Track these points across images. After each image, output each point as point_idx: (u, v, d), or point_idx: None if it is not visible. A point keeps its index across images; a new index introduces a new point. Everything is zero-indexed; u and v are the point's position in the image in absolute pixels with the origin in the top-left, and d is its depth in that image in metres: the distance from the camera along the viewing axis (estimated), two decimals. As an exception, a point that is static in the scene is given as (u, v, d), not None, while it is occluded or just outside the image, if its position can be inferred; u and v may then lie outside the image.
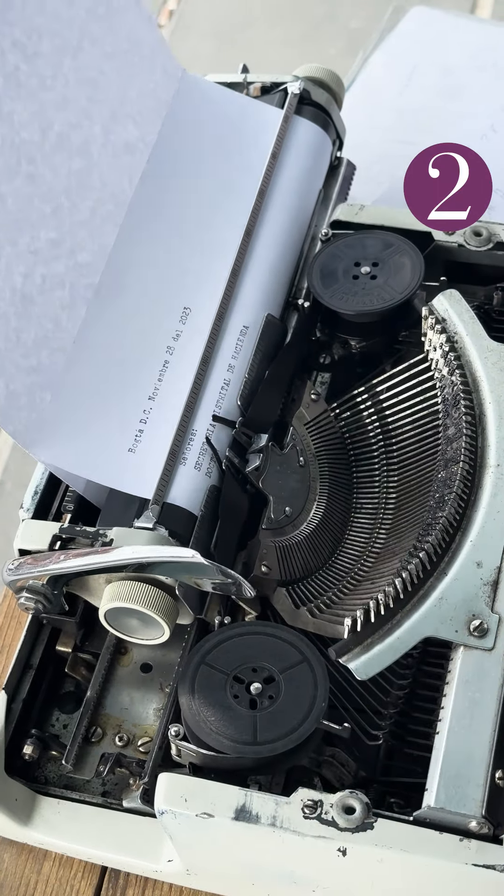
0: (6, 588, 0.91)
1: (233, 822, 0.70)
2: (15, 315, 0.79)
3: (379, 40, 1.25)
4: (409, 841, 0.69)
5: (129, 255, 0.89)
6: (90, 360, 0.84)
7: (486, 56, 1.22)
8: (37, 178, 0.82)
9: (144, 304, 0.88)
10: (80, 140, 0.85)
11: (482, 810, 0.69)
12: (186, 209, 0.92)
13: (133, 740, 0.81)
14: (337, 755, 0.77)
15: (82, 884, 0.80)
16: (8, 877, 0.80)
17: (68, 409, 0.82)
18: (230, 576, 0.72)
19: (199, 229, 0.91)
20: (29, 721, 0.81)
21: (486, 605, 0.75)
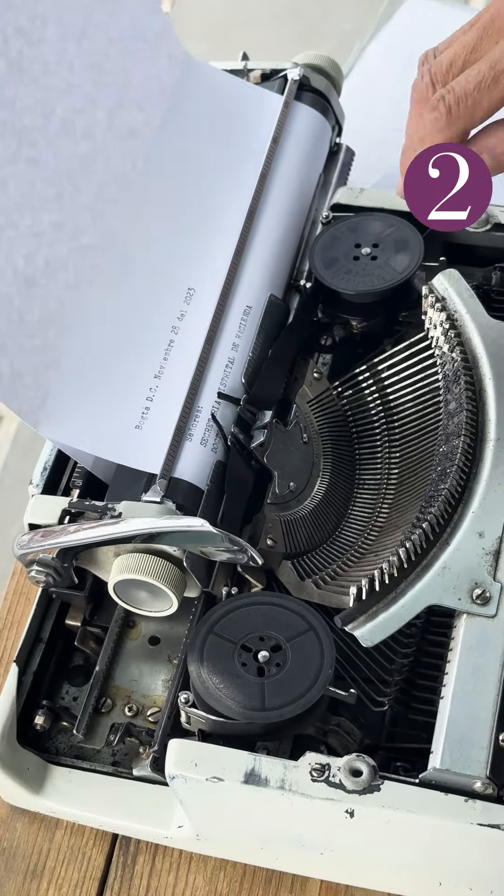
0: (14, 565, 0.93)
1: (242, 785, 0.71)
2: (18, 295, 0.80)
3: (375, 31, 1.27)
4: (416, 802, 0.70)
5: (134, 238, 0.90)
6: (96, 340, 0.85)
7: (481, 45, 1.23)
8: (39, 163, 0.83)
9: (149, 286, 0.89)
10: (84, 125, 0.87)
11: (486, 771, 0.70)
12: (189, 192, 0.93)
13: (142, 711, 0.82)
14: (342, 724, 0.79)
15: (94, 851, 0.81)
16: (21, 845, 0.81)
17: (75, 388, 0.83)
18: (237, 543, 0.73)
19: (202, 212, 0.93)
20: (39, 693, 0.83)
21: (489, 574, 0.76)
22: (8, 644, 0.89)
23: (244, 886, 0.79)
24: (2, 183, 0.80)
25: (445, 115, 0.70)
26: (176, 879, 0.80)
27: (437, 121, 0.71)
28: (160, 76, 0.95)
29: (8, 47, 0.82)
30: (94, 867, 0.80)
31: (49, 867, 0.80)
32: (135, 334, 0.86)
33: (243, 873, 0.80)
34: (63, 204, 0.85)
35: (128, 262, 0.89)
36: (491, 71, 0.69)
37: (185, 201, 0.93)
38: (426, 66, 0.73)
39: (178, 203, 0.92)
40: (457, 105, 0.70)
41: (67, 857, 0.81)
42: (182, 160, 0.95)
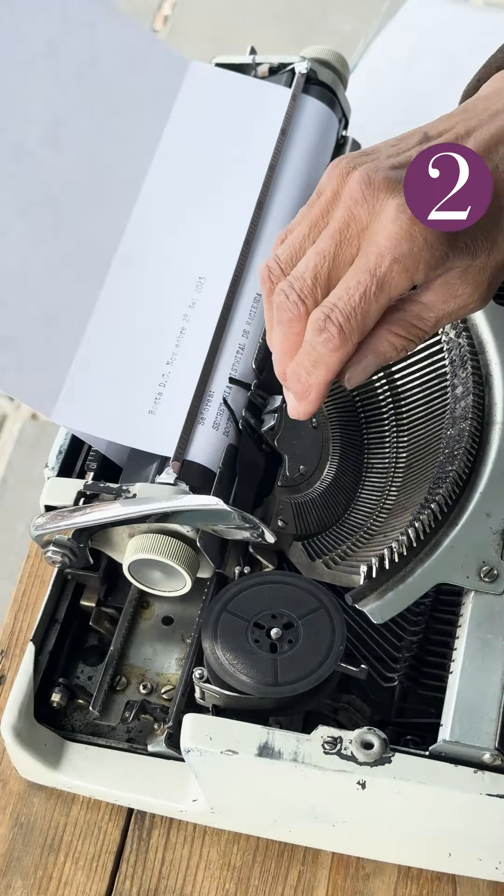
0: (29, 549, 0.95)
1: (256, 758, 0.73)
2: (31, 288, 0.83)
3: (380, 27, 1.29)
4: (426, 773, 0.72)
5: (145, 230, 0.92)
6: (109, 329, 0.87)
7: (484, 41, 1.25)
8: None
9: (161, 275, 0.91)
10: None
11: (495, 743, 0.72)
12: (200, 184, 0.95)
13: (156, 688, 0.84)
14: (353, 701, 0.80)
15: (109, 825, 0.83)
16: (38, 820, 0.83)
17: (89, 376, 0.85)
18: (250, 521, 0.75)
19: (212, 203, 0.94)
20: (55, 672, 0.84)
21: (496, 553, 0.78)
22: (24, 625, 0.91)
23: (257, 859, 0.81)
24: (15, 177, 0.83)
25: (338, 335, 0.68)
26: (190, 853, 0.81)
27: (330, 342, 0.68)
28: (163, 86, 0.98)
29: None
30: (110, 841, 0.82)
31: (66, 841, 0.82)
32: (147, 323, 0.88)
33: (256, 846, 0.81)
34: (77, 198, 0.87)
35: (140, 252, 0.91)
36: (372, 279, 0.67)
37: (195, 192, 0.95)
38: (285, 282, 0.70)
39: (188, 194, 0.94)
40: (347, 322, 0.68)
41: (84, 832, 0.82)
42: (192, 153, 0.97)
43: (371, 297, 0.67)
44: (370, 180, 0.68)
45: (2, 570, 1.75)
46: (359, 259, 0.68)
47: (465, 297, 0.70)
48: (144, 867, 0.81)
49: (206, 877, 0.80)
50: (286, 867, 0.81)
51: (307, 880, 0.80)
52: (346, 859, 0.80)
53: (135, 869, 0.81)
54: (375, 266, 0.67)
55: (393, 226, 0.67)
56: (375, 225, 0.68)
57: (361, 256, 0.68)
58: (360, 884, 0.80)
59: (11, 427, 2.05)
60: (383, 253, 0.67)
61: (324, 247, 0.69)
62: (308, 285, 0.70)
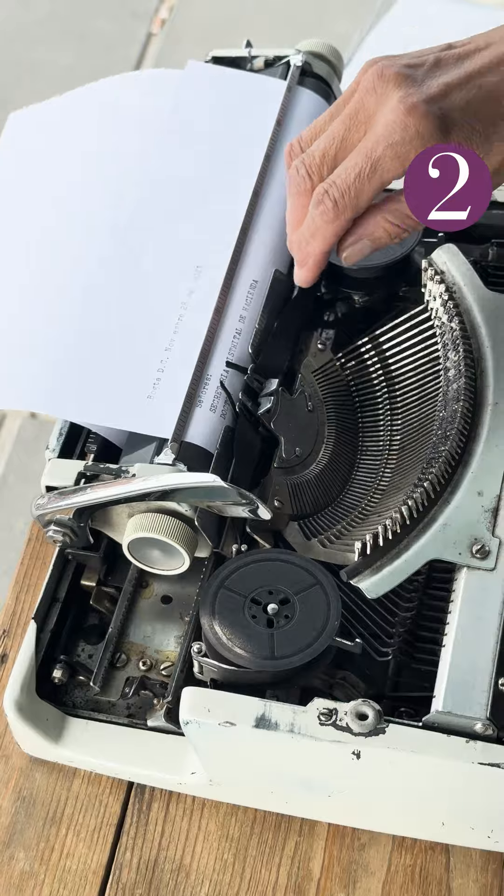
0: (30, 532, 0.96)
1: (253, 729, 0.75)
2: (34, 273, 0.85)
3: (374, 22, 1.31)
4: (419, 743, 0.74)
5: (143, 220, 0.94)
6: (107, 316, 0.89)
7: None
8: None
9: (158, 265, 0.93)
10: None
11: (487, 713, 0.74)
12: (197, 175, 0.97)
13: (156, 665, 0.86)
14: (348, 677, 0.82)
15: (110, 799, 0.84)
16: (40, 794, 0.85)
17: (86, 363, 0.87)
18: (247, 497, 0.77)
19: (209, 193, 0.96)
20: (56, 650, 0.86)
21: (488, 530, 0.80)
22: (25, 605, 0.92)
23: (255, 831, 0.82)
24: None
25: (332, 209, 0.77)
26: (189, 825, 0.83)
27: (325, 214, 0.77)
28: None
29: None
30: (111, 814, 0.84)
31: (67, 814, 0.84)
32: (145, 311, 0.90)
33: (254, 818, 0.83)
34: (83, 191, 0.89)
35: (138, 243, 0.93)
36: (367, 161, 0.75)
37: (192, 183, 0.96)
38: (299, 159, 0.79)
39: (186, 185, 0.96)
40: (342, 198, 0.76)
41: (85, 805, 0.84)
42: (189, 145, 0.99)
43: (365, 177, 0.75)
44: (382, 73, 0.76)
45: (1, 567, 1.76)
46: (360, 143, 0.76)
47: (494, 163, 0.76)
48: (144, 839, 0.83)
49: (205, 848, 0.82)
50: (283, 838, 0.82)
51: (304, 851, 0.82)
52: (342, 830, 0.82)
53: (135, 841, 0.83)
54: (371, 150, 0.75)
55: (391, 114, 0.74)
56: (378, 114, 0.76)
57: (363, 141, 0.75)
58: (356, 854, 0.81)
59: (10, 425, 2.06)
60: (379, 139, 0.75)
61: (334, 129, 0.78)
62: (316, 162, 0.78)
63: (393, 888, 0.80)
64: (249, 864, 0.81)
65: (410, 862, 0.81)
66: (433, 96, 0.75)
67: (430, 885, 0.80)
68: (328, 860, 0.81)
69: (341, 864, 0.81)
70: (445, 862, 0.81)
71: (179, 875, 0.81)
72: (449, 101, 0.75)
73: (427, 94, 0.75)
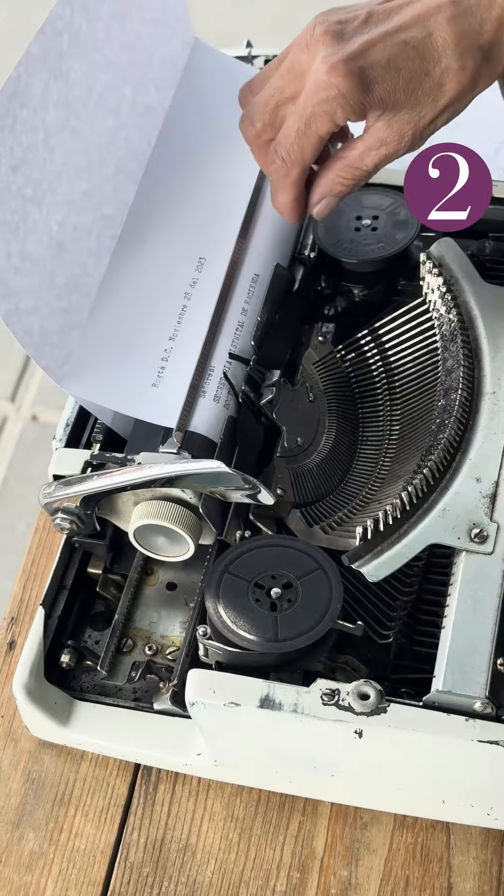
0: (37, 521, 0.98)
1: (258, 710, 0.76)
2: (50, 259, 0.86)
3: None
4: (420, 722, 0.76)
5: (148, 210, 0.95)
6: (115, 305, 0.91)
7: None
8: (79, 133, 0.89)
9: (163, 255, 0.94)
10: (114, 100, 0.93)
11: (486, 692, 0.75)
12: (199, 167, 0.99)
13: (162, 650, 0.87)
14: (350, 661, 0.84)
15: (117, 780, 0.86)
16: (49, 776, 0.86)
17: (96, 348, 0.88)
18: (250, 482, 0.78)
19: (212, 186, 0.98)
20: (64, 636, 0.88)
21: (486, 515, 0.82)
22: (33, 594, 0.94)
23: (259, 811, 0.84)
24: (50, 150, 0.86)
25: (283, 166, 0.82)
26: (195, 805, 0.85)
27: (279, 170, 0.83)
28: (174, 58, 1.01)
29: (73, 21, 0.88)
30: (118, 795, 0.85)
31: (76, 795, 0.85)
32: (150, 300, 0.92)
33: (258, 799, 0.85)
34: (92, 175, 0.90)
35: (143, 232, 0.95)
36: (301, 119, 0.79)
37: (195, 175, 0.98)
38: (248, 108, 0.85)
39: (188, 177, 0.98)
40: (288, 155, 0.82)
41: (93, 787, 0.86)
42: (192, 137, 1.00)
43: (302, 135, 0.80)
44: (314, 29, 0.79)
45: (3, 569, 1.77)
46: (296, 102, 0.80)
47: (392, 145, 0.79)
48: (151, 819, 0.84)
49: (211, 828, 0.84)
50: (287, 818, 0.84)
51: (307, 830, 0.83)
52: (345, 809, 0.84)
53: (142, 821, 0.84)
54: (303, 109, 0.79)
55: (315, 74, 0.78)
56: (309, 70, 0.79)
57: (299, 98, 0.80)
58: (358, 833, 0.83)
59: (12, 429, 2.07)
60: (308, 98, 0.79)
61: (273, 83, 0.83)
62: (258, 110, 0.84)
63: (395, 866, 0.82)
64: (254, 843, 0.83)
65: (412, 840, 0.83)
66: (354, 53, 0.77)
67: (431, 863, 0.82)
68: (331, 839, 0.83)
69: (344, 843, 0.83)
70: (446, 840, 0.82)
71: (186, 854, 0.83)
72: (369, 57, 0.77)
73: (348, 51, 0.77)
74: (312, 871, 0.82)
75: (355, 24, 0.79)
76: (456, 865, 0.82)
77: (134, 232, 0.94)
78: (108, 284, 0.91)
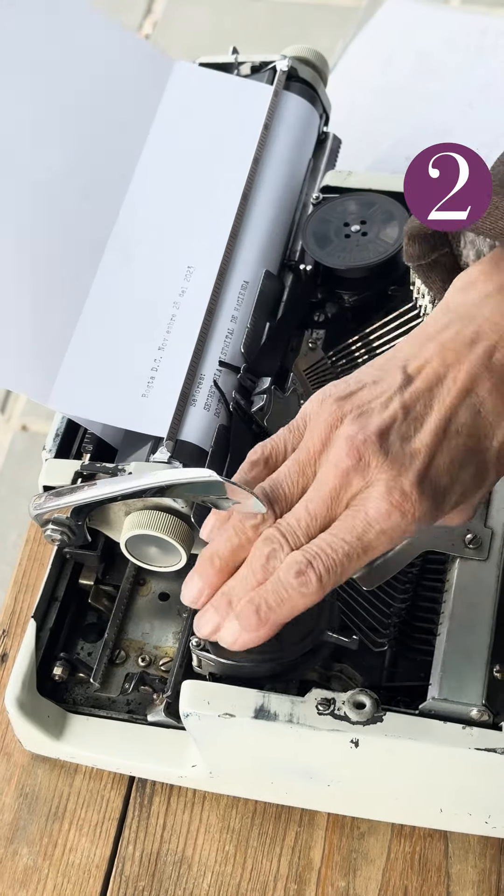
0: (28, 532, 0.97)
1: (253, 720, 0.76)
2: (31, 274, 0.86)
3: (357, 30, 1.33)
4: (416, 730, 0.75)
5: (136, 221, 0.95)
6: (103, 319, 0.90)
7: (458, 40, 1.30)
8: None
9: (151, 265, 0.94)
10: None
11: (482, 699, 0.75)
12: (187, 178, 0.98)
13: (155, 661, 0.87)
14: (345, 669, 0.83)
15: (112, 794, 0.85)
16: (42, 790, 0.86)
17: (83, 365, 0.88)
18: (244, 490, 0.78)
19: (199, 196, 0.98)
20: (56, 648, 0.87)
21: (480, 521, 0.81)
22: (24, 605, 0.93)
23: (255, 822, 0.83)
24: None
25: (316, 583, 0.69)
26: (191, 817, 0.84)
27: (306, 587, 0.69)
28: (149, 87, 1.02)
29: None
30: (113, 808, 0.85)
31: (70, 809, 0.85)
32: (139, 311, 0.91)
33: (254, 810, 0.84)
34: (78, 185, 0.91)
35: (131, 243, 0.94)
36: (359, 544, 0.69)
37: (182, 186, 0.98)
38: (276, 531, 0.71)
39: (176, 188, 0.98)
40: (327, 573, 0.69)
41: (87, 800, 0.85)
42: (179, 149, 1.00)
43: (354, 557, 0.70)
44: (360, 453, 0.70)
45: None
46: (348, 517, 0.70)
47: (447, 522, 0.73)
48: (146, 832, 0.84)
49: (207, 840, 0.83)
50: (283, 829, 0.83)
51: (304, 841, 0.83)
52: (342, 819, 0.83)
53: (137, 834, 0.84)
54: (363, 532, 0.69)
55: (384, 502, 0.69)
56: (366, 492, 0.70)
57: (350, 517, 0.70)
58: (356, 843, 0.82)
59: (2, 439, 2.07)
60: (372, 523, 0.69)
61: (315, 509, 0.71)
62: (298, 540, 0.71)
63: (393, 875, 0.81)
64: (251, 855, 0.82)
65: (410, 849, 0.82)
66: (421, 473, 0.70)
67: (429, 872, 0.81)
68: (328, 849, 0.82)
69: (341, 853, 0.82)
70: (444, 848, 0.82)
71: (182, 867, 0.82)
72: (436, 468, 0.70)
73: (415, 471, 0.69)
74: (310, 883, 0.81)
75: (397, 425, 0.71)
76: (454, 874, 0.81)
77: (123, 243, 0.94)
78: (96, 298, 0.91)
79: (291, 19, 2.34)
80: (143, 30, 2.47)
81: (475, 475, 0.72)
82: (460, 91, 1.25)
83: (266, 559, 0.71)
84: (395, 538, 0.70)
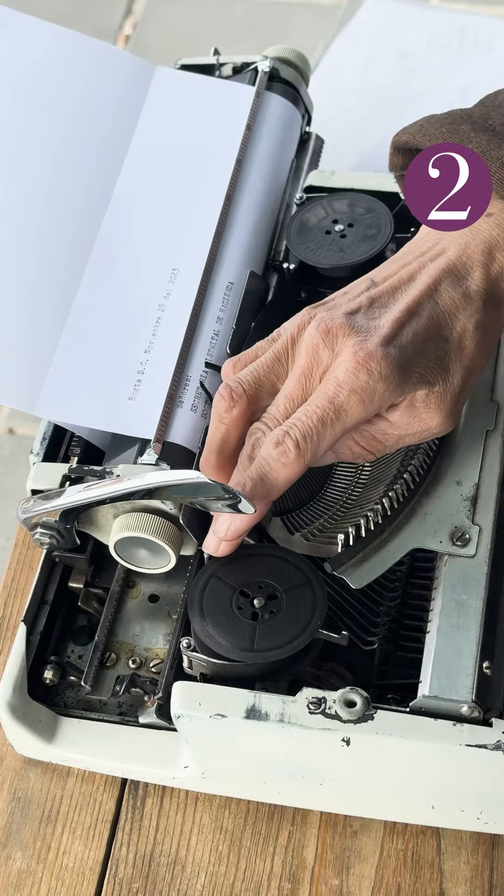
0: (17, 536, 0.97)
1: (244, 721, 0.76)
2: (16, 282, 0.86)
3: (338, 29, 1.33)
4: (407, 728, 0.75)
5: (121, 225, 0.95)
6: (88, 324, 0.90)
7: (438, 39, 1.30)
8: None
9: (135, 269, 0.94)
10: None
11: (472, 696, 0.75)
12: (170, 180, 0.99)
13: (145, 662, 0.87)
14: (335, 668, 0.83)
15: (105, 796, 0.85)
16: (35, 794, 0.86)
17: (69, 371, 0.88)
18: (230, 491, 0.78)
19: (183, 198, 0.98)
20: (47, 652, 0.87)
21: (467, 518, 0.82)
22: (14, 610, 0.93)
23: (248, 822, 0.84)
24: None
25: (294, 451, 0.74)
26: (183, 819, 0.84)
27: (285, 455, 0.74)
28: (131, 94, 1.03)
29: None
30: (106, 811, 0.85)
31: (63, 813, 0.85)
32: (124, 316, 0.91)
33: (247, 810, 0.84)
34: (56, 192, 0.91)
35: (115, 247, 0.94)
36: (331, 406, 0.74)
37: (166, 188, 0.98)
38: (261, 423, 0.78)
39: (159, 190, 0.98)
40: (304, 440, 0.74)
41: (80, 803, 0.85)
42: (161, 152, 1.00)
43: (328, 421, 0.75)
44: (328, 328, 0.77)
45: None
46: (320, 387, 0.76)
47: (427, 422, 0.78)
48: (139, 834, 0.84)
49: (200, 840, 0.83)
50: (276, 828, 0.83)
51: (297, 840, 0.83)
52: (334, 818, 0.83)
53: (130, 836, 0.84)
54: (334, 394, 0.75)
55: (351, 361, 0.75)
56: (335, 363, 0.76)
57: (322, 386, 0.76)
58: (348, 841, 0.83)
59: (-10, 442, 2.07)
60: (342, 384, 0.75)
61: (291, 391, 0.78)
62: (279, 423, 0.77)
63: (386, 873, 0.81)
64: (244, 855, 0.83)
65: (402, 846, 0.82)
66: (386, 337, 0.76)
67: (422, 869, 0.81)
68: (321, 848, 0.83)
69: (334, 852, 0.82)
70: (437, 845, 0.82)
71: (175, 868, 0.82)
72: (400, 337, 0.76)
73: (380, 335, 0.76)
74: (303, 881, 0.82)
75: (362, 312, 0.78)
76: (447, 871, 0.81)
77: (106, 248, 0.94)
78: (81, 303, 0.91)
79: (271, 18, 2.34)
80: (123, 31, 2.47)
81: (437, 358, 0.77)
82: (440, 92, 1.25)
83: (251, 448, 0.78)
84: (367, 401, 0.75)
